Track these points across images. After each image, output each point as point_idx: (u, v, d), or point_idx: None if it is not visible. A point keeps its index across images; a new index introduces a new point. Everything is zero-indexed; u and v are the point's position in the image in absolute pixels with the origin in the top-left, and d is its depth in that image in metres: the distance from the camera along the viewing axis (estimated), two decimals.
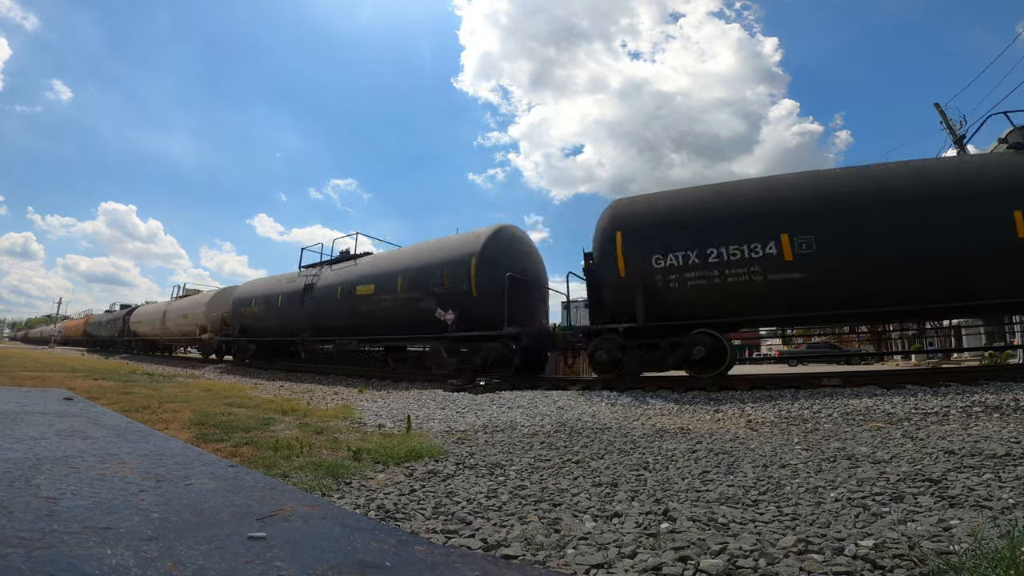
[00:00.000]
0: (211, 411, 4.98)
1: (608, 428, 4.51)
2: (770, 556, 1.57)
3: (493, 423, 4.88)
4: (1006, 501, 1.96)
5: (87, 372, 9.98)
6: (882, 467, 2.63)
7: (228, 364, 16.58)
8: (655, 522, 1.96)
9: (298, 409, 5.53)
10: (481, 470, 2.92)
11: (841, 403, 5.04)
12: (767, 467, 2.81)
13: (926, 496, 2.10)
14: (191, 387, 8.09)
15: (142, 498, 1.69)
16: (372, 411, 5.63)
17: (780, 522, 1.91)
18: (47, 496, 1.64)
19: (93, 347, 32.92)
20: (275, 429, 4.15)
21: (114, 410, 4.44)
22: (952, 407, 4.42)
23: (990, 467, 2.45)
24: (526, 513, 2.12)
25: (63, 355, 21.23)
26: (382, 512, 2.11)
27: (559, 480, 2.68)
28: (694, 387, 7.05)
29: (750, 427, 4.43)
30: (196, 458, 2.52)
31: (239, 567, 1.19)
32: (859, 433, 3.77)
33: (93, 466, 2.10)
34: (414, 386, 9.35)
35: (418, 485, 2.57)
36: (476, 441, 3.92)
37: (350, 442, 3.55)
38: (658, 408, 5.83)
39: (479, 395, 7.29)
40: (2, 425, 2.96)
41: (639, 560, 1.60)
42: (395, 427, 4.55)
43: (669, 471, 2.84)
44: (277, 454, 3.06)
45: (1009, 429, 3.43)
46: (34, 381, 7.19)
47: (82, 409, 4.11)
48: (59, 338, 40.97)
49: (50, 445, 2.49)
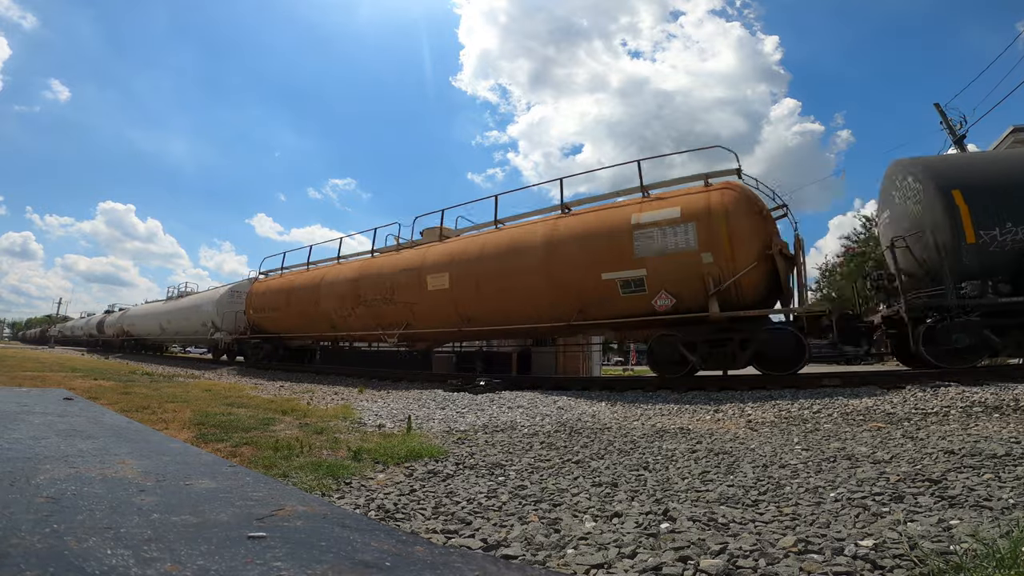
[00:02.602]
0: (211, 411, 4.98)
1: (608, 428, 4.51)
2: (770, 556, 1.58)
3: (493, 423, 4.88)
4: (1006, 501, 1.96)
5: (87, 372, 9.98)
6: (882, 467, 2.63)
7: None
8: (655, 522, 1.96)
9: (298, 409, 5.53)
10: (481, 470, 2.92)
11: (841, 403, 5.04)
12: (767, 467, 2.81)
13: (926, 496, 2.10)
14: (191, 387, 8.09)
15: (142, 498, 1.69)
16: (372, 411, 5.62)
17: (780, 522, 1.91)
18: (47, 496, 1.64)
19: (93, 347, 33.46)
20: (275, 429, 4.15)
21: (114, 410, 4.44)
22: (952, 407, 4.42)
23: (990, 467, 2.45)
24: (526, 513, 2.12)
25: (63, 355, 21.22)
26: (382, 512, 2.11)
27: (559, 480, 2.68)
28: (694, 387, 7.06)
29: (750, 427, 4.43)
30: (196, 458, 2.52)
31: (239, 567, 1.19)
32: (859, 433, 3.76)
33: (93, 466, 2.10)
34: (414, 386, 9.35)
35: (418, 485, 2.57)
36: (476, 441, 3.92)
37: (350, 442, 3.55)
38: (658, 408, 5.83)
39: (479, 395, 7.29)
40: (2, 425, 2.96)
41: (639, 560, 1.61)
42: (395, 427, 4.55)
43: (669, 471, 2.84)
44: (277, 454, 3.06)
45: (1009, 429, 3.43)
46: (34, 381, 7.19)
47: (82, 409, 4.11)
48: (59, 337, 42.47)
49: (50, 445, 2.48)
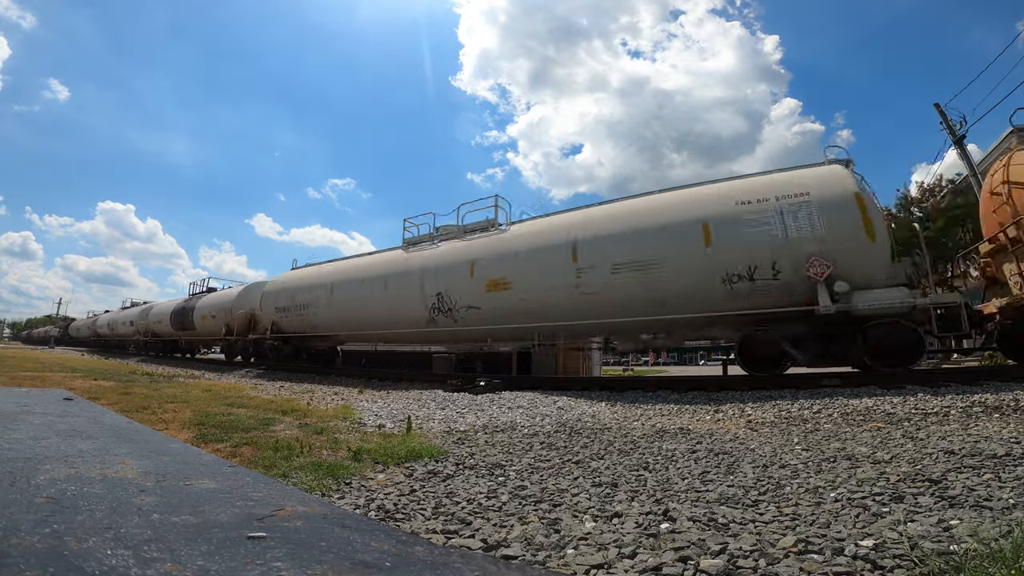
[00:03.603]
0: (211, 411, 4.98)
1: (608, 428, 4.51)
2: (770, 556, 1.58)
3: (493, 423, 4.88)
4: (1006, 501, 1.96)
5: (87, 372, 9.97)
6: (882, 467, 2.63)
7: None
8: (655, 522, 1.96)
9: (298, 409, 5.53)
10: (481, 470, 2.92)
11: (841, 403, 5.03)
12: (767, 467, 2.81)
13: (926, 496, 2.10)
14: (191, 387, 8.08)
15: (142, 498, 1.69)
16: (372, 411, 5.62)
17: (780, 522, 1.91)
18: (47, 496, 1.64)
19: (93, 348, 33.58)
20: (275, 429, 4.15)
21: (114, 410, 4.44)
22: (952, 407, 4.41)
23: (990, 467, 2.45)
24: (526, 513, 2.12)
25: (63, 355, 21.22)
26: (382, 512, 2.11)
27: (559, 480, 2.68)
28: (694, 387, 7.06)
29: (750, 427, 4.43)
30: (196, 458, 2.52)
31: (239, 567, 1.19)
32: (859, 433, 3.76)
33: (93, 466, 2.10)
34: (414, 386, 9.34)
35: (418, 485, 2.57)
36: (476, 441, 3.92)
37: (350, 442, 3.55)
38: (658, 408, 5.82)
39: (479, 395, 7.29)
40: (2, 425, 2.96)
41: (639, 560, 1.61)
42: (395, 427, 4.55)
43: (669, 471, 2.84)
44: (277, 454, 3.06)
45: (1009, 429, 3.43)
46: (34, 381, 7.19)
47: (82, 409, 4.11)
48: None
49: (50, 445, 2.48)
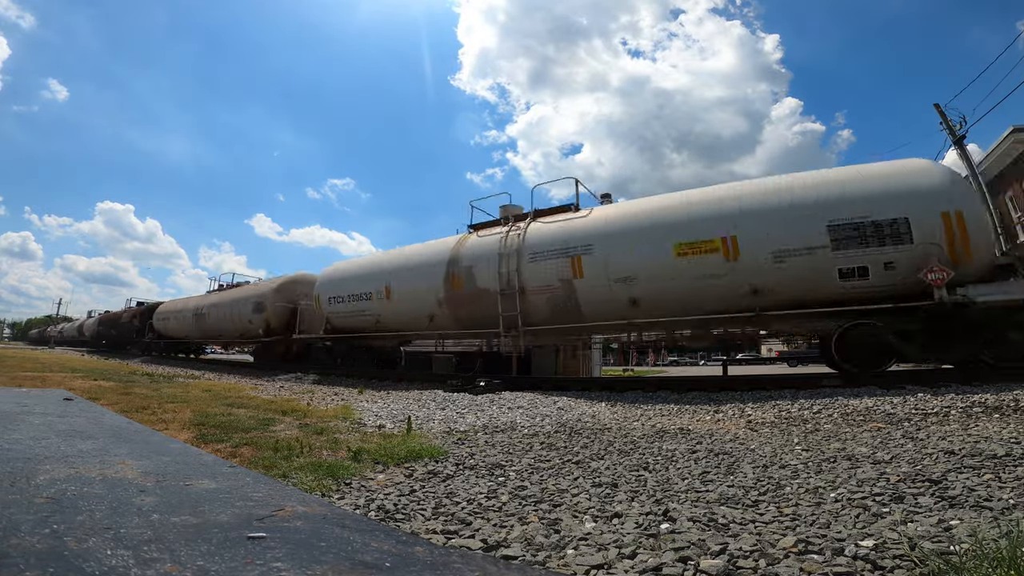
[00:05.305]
0: (211, 412, 4.98)
1: (608, 428, 4.51)
2: (770, 556, 1.58)
3: (493, 424, 4.88)
4: (1006, 501, 1.96)
5: (87, 372, 9.97)
6: (882, 467, 2.63)
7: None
8: (655, 523, 1.96)
9: (298, 410, 5.53)
10: (481, 471, 2.92)
11: (841, 403, 5.03)
12: (767, 467, 2.81)
13: (926, 496, 2.10)
14: (191, 387, 8.08)
15: (142, 499, 1.69)
16: (372, 412, 5.62)
17: (780, 522, 1.91)
18: (47, 496, 1.64)
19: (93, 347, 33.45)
20: (275, 430, 4.15)
21: (114, 410, 4.44)
22: (952, 407, 4.41)
23: (990, 467, 2.45)
24: (526, 514, 2.12)
25: (63, 355, 21.22)
26: (382, 513, 2.11)
27: (559, 481, 2.68)
28: (694, 388, 7.06)
29: (750, 427, 4.43)
30: (196, 458, 2.52)
31: (239, 567, 1.19)
32: (859, 434, 3.76)
33: (93, 467, 2.10)
34: (414, 386, 9.34)
35: (418, 486, 2.57)
36: (476, 442, 3.92)
37: (350, 443, 3.55)
38: (658, 408, 5.82)
39: (479, 396, 7.29)
40: (2, 425, 2.96)
41: (639, 561, 1.61)
42: (395, 428, 4.54)
43: (669, 471, 2.84)
44: (277, 455, 3.06)
45: (1009, 429, 3.43)
46: (34, 381, 7.19)
47: (82, 409, 4.11)
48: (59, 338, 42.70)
49: (50, 445, 2.48)
